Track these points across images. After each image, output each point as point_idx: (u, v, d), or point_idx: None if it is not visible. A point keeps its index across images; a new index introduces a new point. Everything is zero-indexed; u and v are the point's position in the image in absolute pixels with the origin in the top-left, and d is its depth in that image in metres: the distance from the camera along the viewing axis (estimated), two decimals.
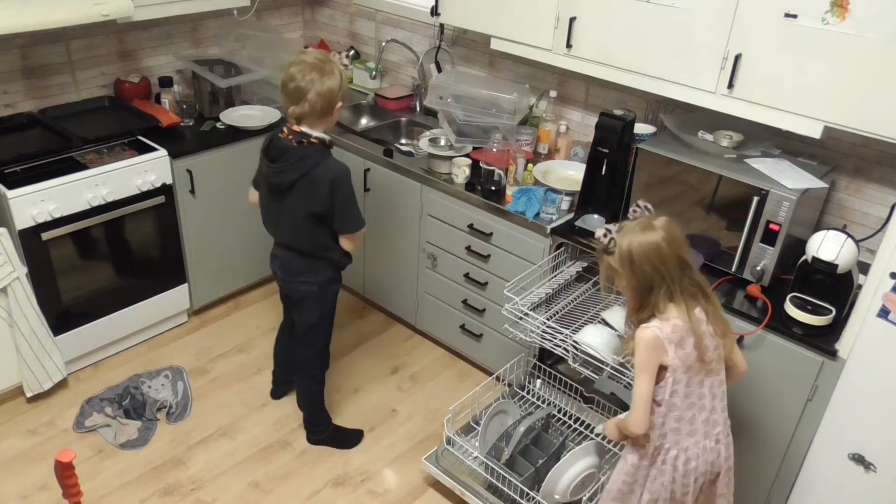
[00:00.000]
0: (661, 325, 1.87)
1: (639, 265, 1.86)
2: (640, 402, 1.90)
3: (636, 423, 1.92)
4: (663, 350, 1.87)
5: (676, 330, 1.87)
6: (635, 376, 1.92)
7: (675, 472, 1.98)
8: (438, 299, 3.32)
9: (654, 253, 1.84)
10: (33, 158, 2.91)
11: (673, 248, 1.85)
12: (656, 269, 1.85)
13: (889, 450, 2.12)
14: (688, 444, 1.96)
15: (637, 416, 1.92)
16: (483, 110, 3.12)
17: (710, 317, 1.93)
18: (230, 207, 3.45)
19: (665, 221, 1.89)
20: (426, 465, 2.70)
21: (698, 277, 1.92)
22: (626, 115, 2.56)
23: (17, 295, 2.78)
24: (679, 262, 1.86)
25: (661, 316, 1.88)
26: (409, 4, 3.66)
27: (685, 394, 1.92)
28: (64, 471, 1.76)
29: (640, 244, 1.85)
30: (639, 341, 1.88)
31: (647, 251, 1.84)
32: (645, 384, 1.89)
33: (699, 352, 1.89)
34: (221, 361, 3.36)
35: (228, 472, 2.79)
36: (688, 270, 1.89)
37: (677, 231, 1.89)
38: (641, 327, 1.89)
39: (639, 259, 1.85)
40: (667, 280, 1.86)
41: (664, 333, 1.86)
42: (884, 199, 2.47)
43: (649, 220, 1.90)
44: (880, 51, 2.02)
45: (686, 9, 2.37)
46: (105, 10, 2.86)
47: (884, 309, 2.02)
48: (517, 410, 2.72)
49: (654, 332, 1.86)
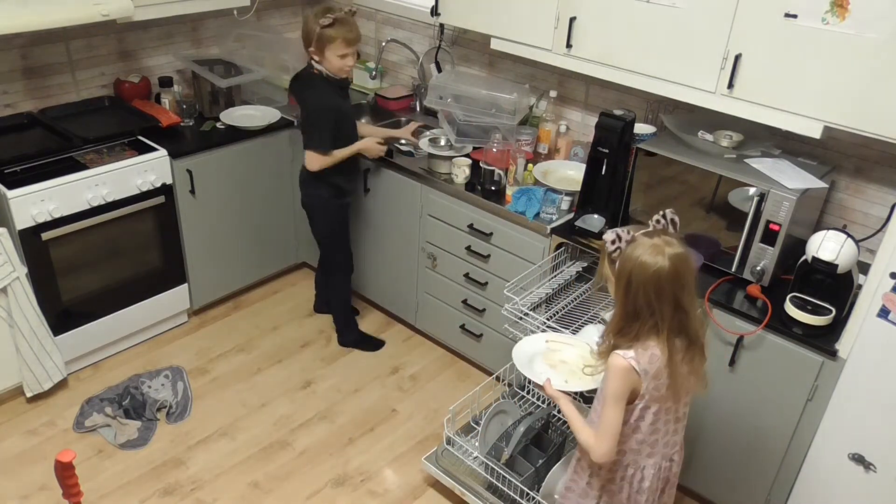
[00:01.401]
0: (639, 356, 1.74)
1: (633, 290, 1.71)
2: (610, 433, 1.78)
3: (602, 454, 1.80)
4: (637, 381, 1.75)
5: (654, 361, 1.74)
6: (604, 404, 1.80)
7: (630, 489, 1.94)
8: (438, 299, 3.32)
9: (653, 285, 1.68)
10: (33, 158, 2.91)
11: (674, 284, 1.69)
12: (648, 303, 1.70)
13: (889, 450, 2.12)
14: (646, 465, 1.90)
15: (605, 448, 1.79)
16: (483, 110, 3.12)
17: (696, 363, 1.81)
18: (230, 207, 3.46)
19: (678, 251, 1.70)
20: (426, 465, 2.70)
21: (691, 323, 1.75)
22: (626, 115, 2.56)
23: (17, 295, 2.78)
24: (675, 302, 1.71)
25: (639, 344, 1.75)
26: (409, 4, 3.66)
27: (652, 420, 1.83)
28: (64, 471, 1.75)
29: (644, 270, 1.69)
30: (613, 369, 1.76)
31: (646, 280, 1.69)
32: (616, 414, 1.77)
33: (674, 388, 1.79)
34: (221, 361, 3.36)
35: (228, 472, 2.79)
36: (680, 312, 1.73)
37: (686, 264, 1.71)
38: (616, 354, 1.75)
39: (635, 286, 1.70)
40: (656, 316, 1.71)
41: (640, 365, 1.73)
42: (884, 199, 2.47)
43: (664, 242, 1.71)
44: (880, 51, 2.02)
45: (686, 9, 2.37)
46: (105, 10, 2.86)
47: (884, 309, 2.02)
48: (517, 410, 2.72)
49: (629, 364, 1.73)
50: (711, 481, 2.61)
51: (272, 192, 3.58)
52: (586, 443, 1.84)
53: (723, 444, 2.52)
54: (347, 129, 3.04)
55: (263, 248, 3.73)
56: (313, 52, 2.87)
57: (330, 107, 2.91)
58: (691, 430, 2.54)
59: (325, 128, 2.91)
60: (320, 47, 2.84)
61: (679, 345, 1.77)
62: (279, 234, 3.73)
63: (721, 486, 2.59)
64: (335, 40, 2.81)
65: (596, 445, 1.81)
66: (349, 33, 2.84)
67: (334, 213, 3.14)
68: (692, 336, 1.77)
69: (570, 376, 2.13)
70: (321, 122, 2.91)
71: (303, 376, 3.30)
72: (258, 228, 3.64)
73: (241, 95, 3.63)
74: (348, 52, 2.86)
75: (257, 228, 3.64)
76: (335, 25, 2.80)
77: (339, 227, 3.21)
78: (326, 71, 2.89)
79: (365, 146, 3.07)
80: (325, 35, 2.80)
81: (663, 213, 1.81)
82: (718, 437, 2.51)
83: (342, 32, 2.81)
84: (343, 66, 2.89)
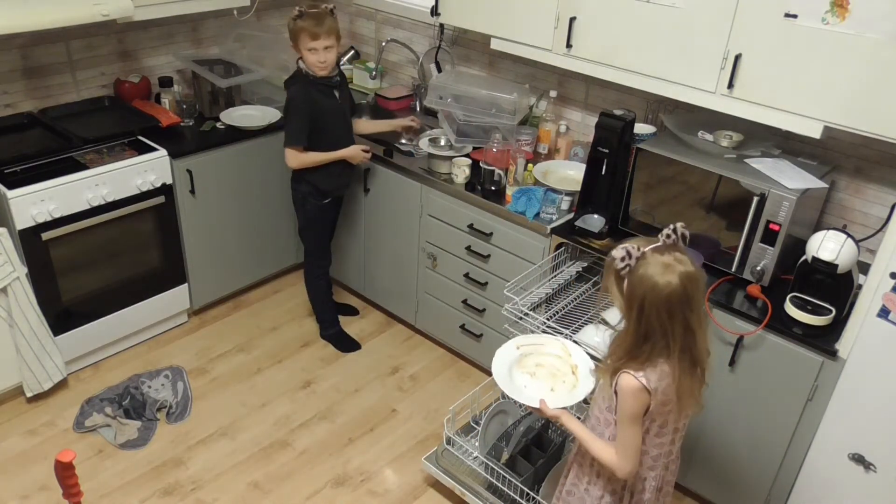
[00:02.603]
0: (648, 374, 1.72)
1: (647, 314, 1.67)
2: (632, 452, 1.79)
3: (628, 473, 1.81)
4: (648, 399, 1.74)
5: (663, 377, 1.73)
6: (620, 425, 1.79)
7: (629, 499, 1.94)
8: (438, 299, 3.32)
9: (665, 306, 1.65)
10: (33, 158, 2.91)
11: (684, 308, 1.66)
12: (661, 325, 1.67)
13: (889, 450, 2.12)
14: (647, 476, 1.91)
15: (630, 467, 1.80)
16: (483, 110, 3.12)
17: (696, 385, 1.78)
18: (230, 207, 3.46)
19: (687, 273, 1.65)
20: (426, 465, 2.70)
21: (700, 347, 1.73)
22: (626, 115, 2.56)
23: (17, 295, 2.78)
24: (685, 325, 1.68)
25: (649, 364, 1.73)
26: (409, 4, 3.66)
27: (657, 433, 1.84)
28: (64, 471, 1.75)
29: (657, 293, 1.64)
30: (626, 390, 1.73)
31: (659, 303, 1.65)
32: (636, 432, 1.78)
33: (680, 406, 1.79)
34: (221, 361, 3.36)
35: (228, 472, 2.79)
36: (690, 335, 1.70)
37: (696, 287, 1.67)
38: (627, 374, 1.73)
39: (649, 307, 1.66)
40: (668, 338, 1.68)
41: (651, 384, 1.72)
42: (884, 199, 2.47)
43: (675, 262, 1.66)
44: (880, 51, 2.02)
45: (686, 9, 2.37)
46: (105, 10, 2.86)
47: (884, 309, 2.02)
48: (517, 410, 2.72)
49: (640, 385, 1.71)
50: (711, 482, 2.61)
51: (272, 191, 3.58)
52: (608, 461, 1.84)
53: (723, 445, 2.51)
54: (334, 129, 3.01)
55: (263, 248, 3.73)
56: (294, 48, 2.91)
57: (303, 101, 2.89)
58: (691, 430, 2.54)
59: (297, 124, 2.91)
60: (294, 42, 2.87)
61: (686, 366, 1.74)
62: (279, 234, 3.73)
63: (721, 487, 2.59)
64: (302, 32, 2.81)
65: (620, 465, 1.81)
66: (315, 26, 2.79)
67: (312, 212, 3.16)
68: (696, 358, 1.75)
69: (552, 381, 2.09)
70: (292, 117, 2.92)
71: (303, 376, 3.30)
72: (258, 228, 3.64)
73: (241, 95, 3.63)
74: (315, 45, 2.81)
75: (257, 228, 3.63)
76: (303, 18, 2.81)
77: (316, 226, 3.23)
78: (305, 69, 2.89)
79: (349, 153, 3.06)
80: (295, 28, 2.83)
81: (674, 228, 1.70)
82: (718, 437, 2.51)
83: (308, 24, 2.79)
84: (315, 62, 2.85)
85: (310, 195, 3.10)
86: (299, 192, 3.13)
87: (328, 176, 3.08)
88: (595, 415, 1.93)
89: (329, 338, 3.50)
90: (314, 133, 2.95)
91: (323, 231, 3.28)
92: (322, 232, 3.28)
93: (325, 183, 3.10)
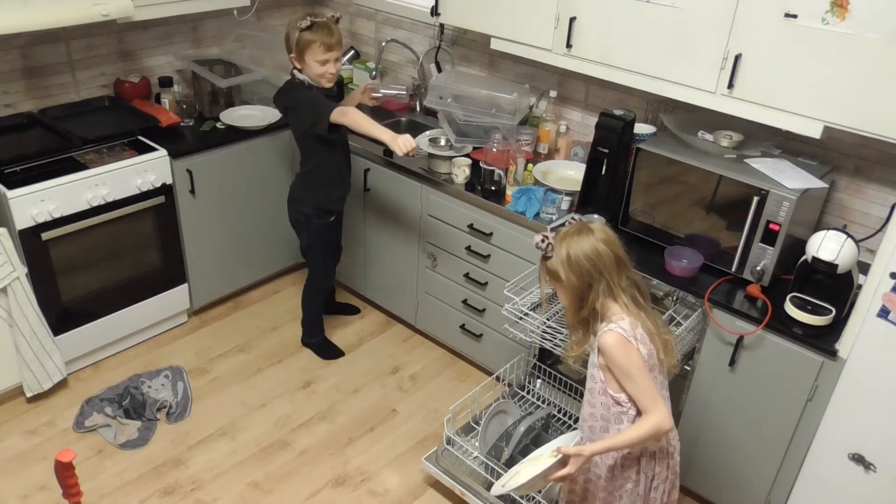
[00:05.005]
0: (620, 324, 1.85)
1: (576, 263, 1.88)
2: (655, 398, 1.84)
3: (665, 417, 1.84)
4: (634, 346, 1.84)
5: (634, 326, 1.86)
6: (630, 381, 1.85)
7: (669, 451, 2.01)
8: (438, 299, 3.32)
9: (592, 251, 1.87)
10: (33, 158, 2.91)
11: (609, 246, 1.89)
12: (594, 265, 1.87)
13: (889, 450, 2.12)
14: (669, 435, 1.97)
15: (663, 412, 1.84)
16: (483, 110, 3.12)
17: (649, 315, 1.94)
18: (230, 207, 3.46)
19: (600, 226, 1.94)
20: (426, 465, 2.70)
21: (634, 276, 1.95)
22: (626, 115, 2.56)
23: (17, 295, 2.78)
24: (616, 259, 1.89)
25: (611, 317, 1.87)
26: (409, 4, 3.66)
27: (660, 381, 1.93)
28: (64, 471, 1.76)
29: (579, 244, 1.88)
30: (610, 348, 1.84)
31: (584, 250, 1.87)
32: (647, 380, 1.84)
33: (656, 347, 1.90)
34: (221, 361, 3.36)
35: (228, 472, 2.79)
36: (624, 268, 1.91)
37: (612, 233, 1.93)
38: (600, 334, 1.87)
39: (576, 257, 1.87)
40: (605, 275, 1.87)
41: (627, 332, 1.84)
42: (884, 199, 2.47)
43: (584, 225, 1.93)
44: (880, 51, 2.02)
45: (686, 9, 2.37)
46: (105, 10, 2.86)
47: (884, 309, 2.02)
48: (517, 410, 2.72)
49: (616, 334, 1.84)
50: (711, 481, 2.61)
51: (272, 191, 3.58)
52: (647, 429, 1.84)
53: (723, 444, 2.51)
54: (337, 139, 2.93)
55: (263, 248, 3.73)
56: (294, 59, 2.80)
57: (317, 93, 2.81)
58: (691, 430, 2.55)
59: (323, 100, 2.78)
60: (300, 53, 2.76)
61: (636, 296, 1.92)
62: (279, 234, 3.73)
63: (721, 486, 2.59)
64: (313, 44, 2.72)
65: (657, 416, 1.84)
66: (328, 37, 2.73)
67: (316, 232, 3.11)
68: (639, 287, 1.94)
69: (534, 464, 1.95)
70: (317, 100, 2.78)
71: (303, 376, 3.30)
72: (258, 228, 3.64)
73: (241, 95, 3.63)
74: (328, 57, 2.76)
75: (257, 228, 3.63)
76: (314, 29, 2.72)
77: (322, 245, 3.20)
78: (308, 80, 2.81)
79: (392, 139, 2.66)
80: (304, 39, 2.73)
81: (573, 217, 2.07)
82: (718, 437, 2.51)
83: (321, 36, 2.72)
84: (324, 73, 2.78)
85: (314, 216, 3.06)
86: (301, 214, 3.08)
87: (328, 195, 3.05)
88: (590, 400, 1.98)
89: (311, 345, 3.44)
90: (317, 139, 2.87)
91: (329, 251, 3.26)
92: (328, 252, 3.25)
93: (327, 201, 3.06)
